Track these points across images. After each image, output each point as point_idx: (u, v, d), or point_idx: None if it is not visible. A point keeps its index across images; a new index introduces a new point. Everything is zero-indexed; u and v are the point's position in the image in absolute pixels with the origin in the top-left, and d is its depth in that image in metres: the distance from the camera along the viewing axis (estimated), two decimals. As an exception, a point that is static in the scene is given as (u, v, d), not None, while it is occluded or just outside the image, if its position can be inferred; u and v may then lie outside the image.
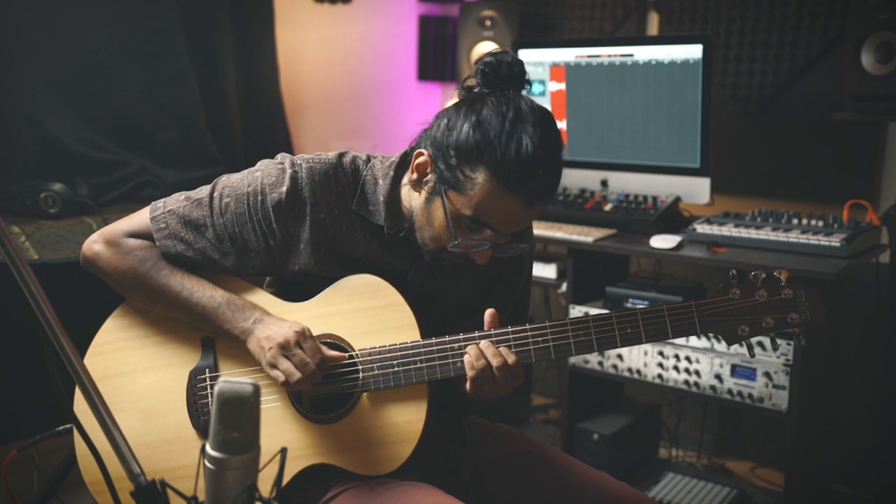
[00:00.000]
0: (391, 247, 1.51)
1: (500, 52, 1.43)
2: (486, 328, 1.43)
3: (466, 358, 1.40)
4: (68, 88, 2.69)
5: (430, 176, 1.41)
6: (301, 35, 3.42)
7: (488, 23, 3.39)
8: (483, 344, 1.41)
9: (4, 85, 2.59)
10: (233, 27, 3.09)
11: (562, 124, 2.97)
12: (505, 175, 1.32)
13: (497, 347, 1.41)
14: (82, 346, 1.56)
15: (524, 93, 1.44)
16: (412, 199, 1.46)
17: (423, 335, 1.46)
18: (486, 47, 3.41)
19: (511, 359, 1.40)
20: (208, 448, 0.99)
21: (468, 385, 1.41)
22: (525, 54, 3.00)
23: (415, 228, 1.46)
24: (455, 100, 1.44)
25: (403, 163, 1.51)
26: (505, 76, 1.41)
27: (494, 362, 1.39)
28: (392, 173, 1.49)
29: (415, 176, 1.43)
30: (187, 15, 2.89)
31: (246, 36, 3.14)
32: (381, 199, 1.48)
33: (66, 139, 2.69)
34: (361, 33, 3.64)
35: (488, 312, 1.43)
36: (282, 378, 1.42)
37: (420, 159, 1.41)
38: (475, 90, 1.42)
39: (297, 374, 1.41)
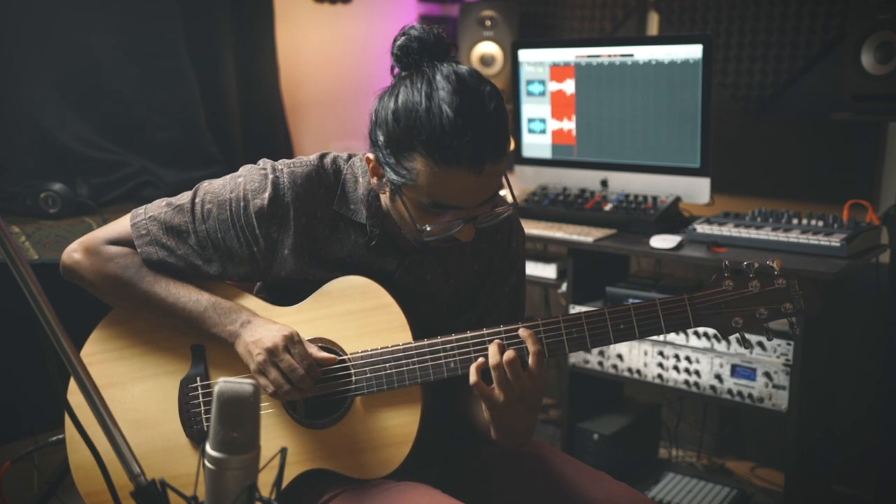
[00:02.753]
0: (376, 246, 1.50)
1: (409, 28, 1.37)
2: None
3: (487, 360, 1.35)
4: (68, 88, 2.69)
5: (384, 177, 1.38)
6: (301, 35, 3.42)
7: (488, 23, 3.39)
8: (493, 346, 1.36)
9: (4, 85, 2.58)
10: (233, 27, 3.09)
11: (571, 125, 2.97)
12: (438, 152, 1.27)
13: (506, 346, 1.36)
14: (81, 346, 1.56)
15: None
16: (385, 199, 1.45)
17: (415, 335, 1.45)
18: (486, 47, 3.41)
19: (533, 348, 1.34)
20: (208, 448, 0.99)
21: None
22: (525, 54, 3.00)
23: (397, 226, 1.45)
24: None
25: None
26: (418, 52, 1.34)
27: (506, 357, 1.33)
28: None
29: (374, 180, 1.41)
30: (187, 15, 2.89)
31: (246, 36, 3.14)
32: (362, 196, 1.47)
33: (66, 139, 2.68)
34: (361, 33, 3.64)
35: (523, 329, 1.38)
36: (270, 389, 1.41)
37: (371, 164, 1.39)
38: (402, 75, 1.36)
39: (286, 386, 1.40)
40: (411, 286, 1.52)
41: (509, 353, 1.33)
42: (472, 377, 1.35)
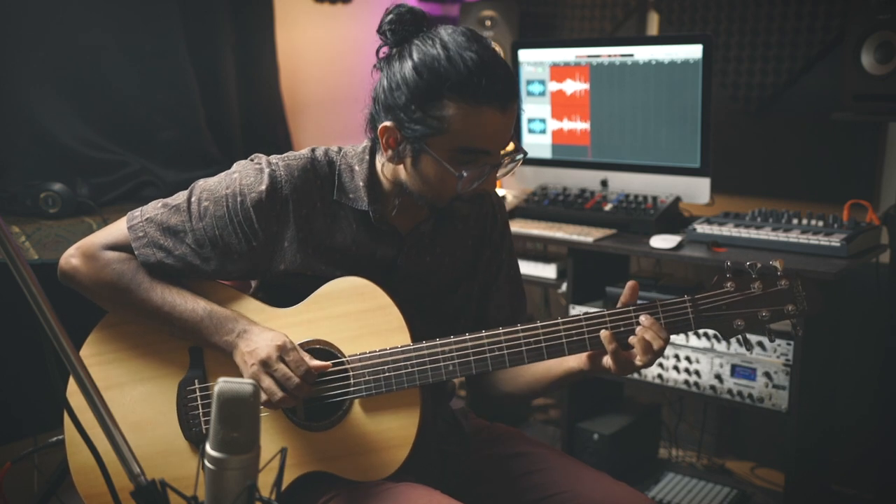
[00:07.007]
0: (378, 233, 1.51)
1: (395, 7, 1.43)
2: (624, 300, 1.42)
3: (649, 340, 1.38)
4: (68, 88, 2.69)
5: (403, 143, 1.41)
6: (301, 35, 3.42)
7: (488, 23, 3.39)
8: (645, 323, 1.39)
9: (4, 85, 2.58)
10: (233, 27, 3.08)
11: (572, 124, 2.97)
12: (471, 91, 1.34)
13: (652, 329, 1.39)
14: (80, 347, 1.56)
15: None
16: (397, 173, 1.46)
17: (413, 336, 1.45)
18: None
19: (660, 338, 1.38)
20: (208, 448, 0.99)
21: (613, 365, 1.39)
22: (525, 54, 3.00)
23: (406, 207, 1.48)
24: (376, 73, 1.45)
25: (375, 147, 1.51)
26: (410, 23, 1.41)
27: (656, 345, 1.37)
28: (367, 157, 1.50)
29: (389, 152, 1.43)
30: (187, 15, 2.89)
31: (246, 36, 3.14)
32: (361, 184, 1.49)
33: (66, 139, 2.68)
34: (361, 33, 3.64)
35: (629, 285, 1.43)
36: (263, 398, 1.41)
37: (387, 133, 1.41)
38: (392, 52, 1.42)
39: (279, 394, 1.40)
40: (413, 269, 1.54)
41: (650, 320, 1.38)
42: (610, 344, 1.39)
